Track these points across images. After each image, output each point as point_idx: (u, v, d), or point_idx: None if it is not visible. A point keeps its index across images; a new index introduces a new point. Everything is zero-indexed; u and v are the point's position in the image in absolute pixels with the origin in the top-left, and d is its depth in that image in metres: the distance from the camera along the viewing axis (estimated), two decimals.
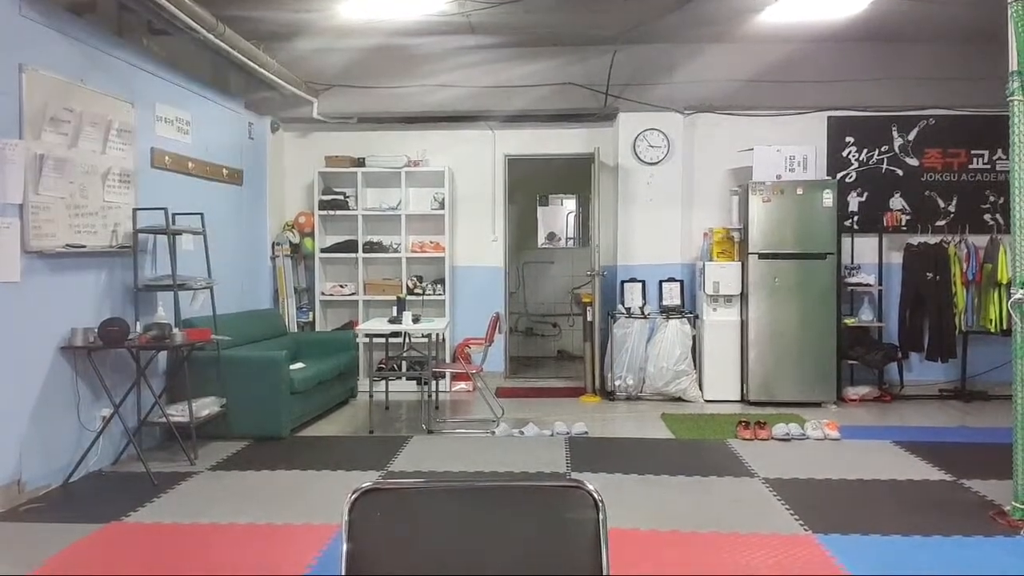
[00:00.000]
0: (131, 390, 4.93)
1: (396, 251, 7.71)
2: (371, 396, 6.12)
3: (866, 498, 4.32)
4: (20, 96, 4.21)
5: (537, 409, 6.61)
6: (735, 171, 7.29)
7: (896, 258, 7.24)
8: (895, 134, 7.30)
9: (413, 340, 7.14)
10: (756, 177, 6.84)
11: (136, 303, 5.21)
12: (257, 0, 5.69)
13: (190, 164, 6.00)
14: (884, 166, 7.32)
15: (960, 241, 7.03)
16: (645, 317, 7.16)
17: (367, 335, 6.74)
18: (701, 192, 7.40)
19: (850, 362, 7.03)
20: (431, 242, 7.72)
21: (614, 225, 7.46)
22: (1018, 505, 3.82)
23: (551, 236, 10.09)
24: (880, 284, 7.17)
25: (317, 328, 7.68)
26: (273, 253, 7.56)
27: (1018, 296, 3.79)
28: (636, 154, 7.35)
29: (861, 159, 7.33)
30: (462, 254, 7.90)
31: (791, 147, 6.95)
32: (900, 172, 7.30)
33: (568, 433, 5.74)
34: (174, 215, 5.30)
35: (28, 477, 4.28)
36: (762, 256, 6.76)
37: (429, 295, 7.59)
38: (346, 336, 7.20)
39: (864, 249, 7.27)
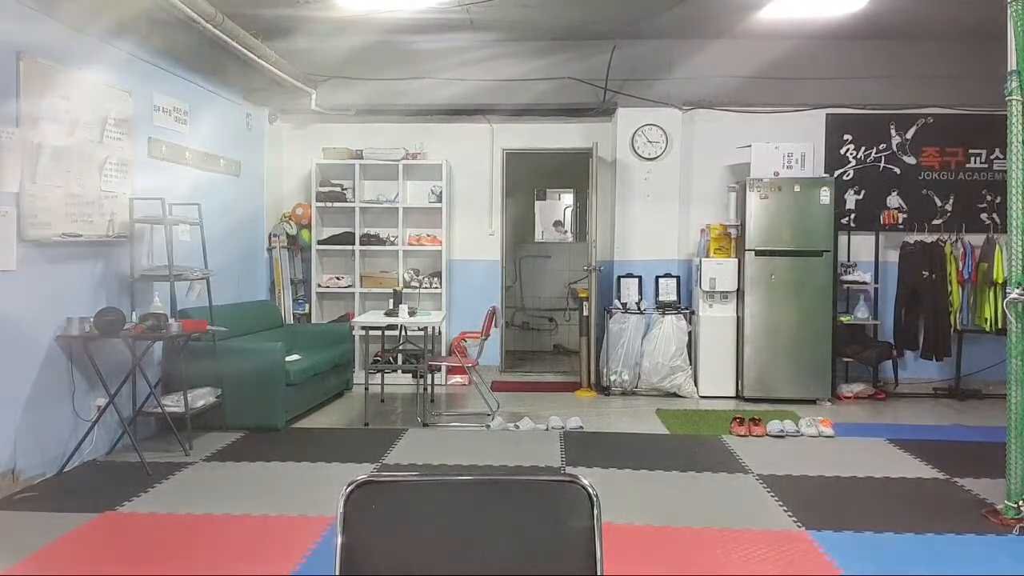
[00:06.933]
0: (126, 380, 4.92)
1: (393, 244, 7.69)
2: (367, 388, 6.12)
3: (859, 495, 4.34)
4: (17, 84, 4.19)
5: (532, 403, 6.62)
6: (733, 167, 7.29)
7: (892, 256, 7.24)
8: (893, 132, 7.30)
9: (409, 333, 7.15)
10: (754, 174, 6.84)
11: (132, 293, 5.21)
12: None
13: (187, 154, 5.99)
14: (882, 164, 7.32)
15: (956, 240, 7.04)
16: (641, 312, 7.16)
17: (363, 327, 6.73)
18: (699, 188, 7.39)
19: (845, 359, 7.04)
20: (428, 235, 7.70)
21: (611, 220, 7.45)
22: (1011, 504, 3.83)
23: (557, 224, 10.08)
24: (876, 282, 7.18)
25: (313, 320, 7.67)
26: (270, 244, 7.55)
27: (1014, 295, 3.80)
28: (634, 149, 7.35)
29: (859, 157, 7.33)
30: (459, 248, 7.89)
31: (789, 144, 6.93)
32: (897, 170, 7.30)
33: (563, 428, 5.75)
34: (171, 205, 5.27)
35: (23, 466, 4.28)
36: (759, 253, 6.76)
37: (426, 288, 7.59)
38: (342, 328, 7.20)
39: (861, 247, 7.28)
